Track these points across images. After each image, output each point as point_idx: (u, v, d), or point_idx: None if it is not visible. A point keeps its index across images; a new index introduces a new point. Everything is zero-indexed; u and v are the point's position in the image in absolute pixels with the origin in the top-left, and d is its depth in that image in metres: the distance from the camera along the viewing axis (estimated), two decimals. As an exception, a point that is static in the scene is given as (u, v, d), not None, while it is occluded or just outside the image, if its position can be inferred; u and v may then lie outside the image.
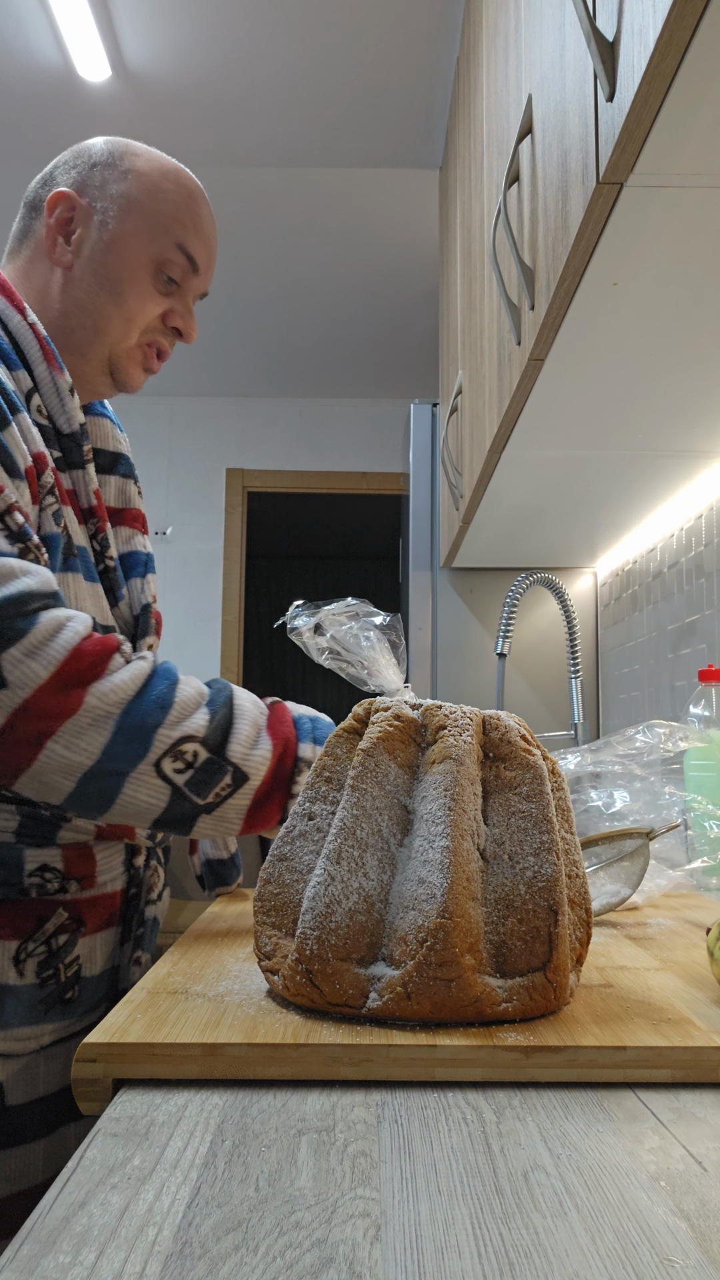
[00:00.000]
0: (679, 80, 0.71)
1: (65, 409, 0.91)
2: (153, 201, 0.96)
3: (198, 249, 0.98)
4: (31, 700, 0.74)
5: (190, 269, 0.98)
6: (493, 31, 1.61)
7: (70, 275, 0.95)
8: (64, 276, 0.96)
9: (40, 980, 0.83)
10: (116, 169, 0.96)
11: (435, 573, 2.64)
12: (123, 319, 0.96)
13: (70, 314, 0.96)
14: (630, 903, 1.02)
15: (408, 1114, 0.50)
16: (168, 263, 0.96)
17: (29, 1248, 0.37)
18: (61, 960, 0.85)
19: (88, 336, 0.96)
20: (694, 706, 1.26)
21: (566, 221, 0.96)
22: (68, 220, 0.96)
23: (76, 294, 0.95)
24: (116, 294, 0.95)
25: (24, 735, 0.74)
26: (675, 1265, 0.35)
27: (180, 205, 0.97)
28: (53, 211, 0.95)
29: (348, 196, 3.05)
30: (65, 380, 0.91)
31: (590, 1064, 0.54)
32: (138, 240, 0.95)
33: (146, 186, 0.96)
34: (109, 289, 0.95)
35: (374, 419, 4.79)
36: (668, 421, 1.38)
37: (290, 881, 0.66)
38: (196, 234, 0.98)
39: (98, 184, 0.96)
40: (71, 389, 0.92)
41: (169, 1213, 0.39)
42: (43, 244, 0.96)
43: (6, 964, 0.82)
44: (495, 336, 1.53)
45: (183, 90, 2.54)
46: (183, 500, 4.70)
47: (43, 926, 0.84)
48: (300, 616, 0.84)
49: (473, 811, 0.63)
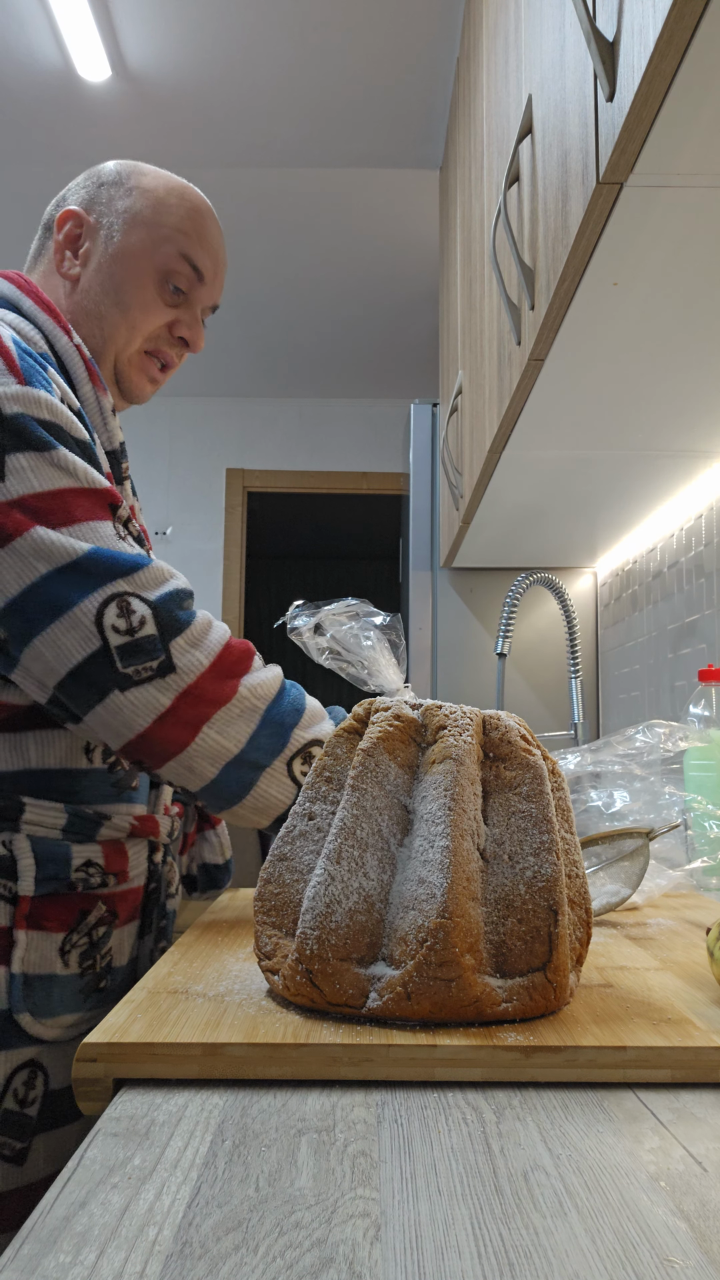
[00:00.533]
0: (679, 80, 0.71)
1: (108, 427, 0.97)
2: (156, 214, 1.00)
3: (202, 259, 1.02)
4: (195, 685, 0.82)
5: (196, 278, 1.02)
6: (493, 31, 1.61)
7: (78, 287, 1.00)
8: (72, 289, 1.01)
9: (81, 970, 0.89)
10: (123, 186, 1.01)
11: (435, 573, 2.64)
12: (128, 326, 1.00)
13: (80, 324, 1.00)
14: (630, 903, 1.02)
15: (408, 1114, 0.50)
16: (173, 273, 1.00)
17: (29, 1247, 0.37)
18: (99, 951, 0.91)
19: (97, 346, 1.01)
20: (694, 706, 1.26)
21: (566, 221, 0.96)
22: (76, 236, 1.01)
23: (85, 304, 1.00)
24: (121, 302, 0.99)
25: (186, 717, 0.82)
26: (675, 1265, 0.35)
27: (184, 217, 1.01)
28: (62, 228, 1.01)
29: (348, 196, 3.05)
30: (108, 400, 0.97)
31: (590, 1064, 0.54)
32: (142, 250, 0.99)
33: (151, 201, 1.00)
34: (114, 297, 0.99)
35: (374, 419, 4.79)
36: (668, 421, 1.38)
37: (290, 881, 0.66)
38: (201, 245, 1.02)
39: (105, 201, 1.01)
40: (114, 409, 0.98)
41: (169, 1213, 0.39)
42: (53, 260, 1.02)
43: (54, 955, 0.87)
44: (495, 336, 1.53)
45: (183, 90, 2.54)
46: (183, 500, 4.70)
47: (85, 919, 0.90)
48: (300, 616, 0.84)
49: (473, 811, 0.63)
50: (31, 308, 0.94)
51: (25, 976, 0.85)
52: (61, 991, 0.87)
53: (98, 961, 0.90)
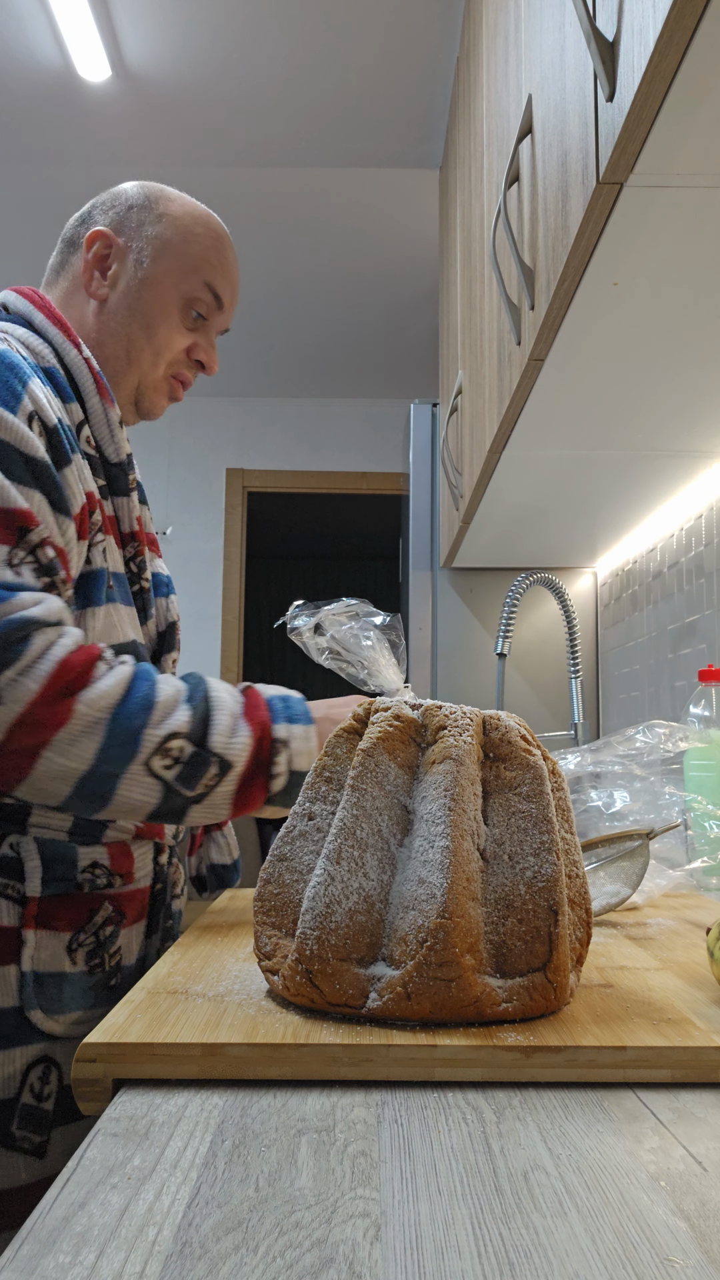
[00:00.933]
0: (679, 80, 0.71)
1: (114, 439, 0.99)
2: (184, 244, 1.04)
3: (224, 288, 1.07)
4: (25, 714, 0.78)
5: (216, 306, 1.07)
6: (493, 31, 1.61)
7: (105, 308, 1.03)
8: (99, 309, 1.04)
9: (89, 968, 0.90)
10: (152, 212, 1.05)
11: (435, 573, 2.64)
12: (153, 351, 1.04)
13: (105, 344, 1.03)
14: (630, 903, 1.02)
15: (408, 1114, 0.50)
16: (196, 300, 1.05)
17: (29, 1248, 0.37)
18: (107, 950, 0.92)
19: (120, 366, 1.04)
20: (694, 706, 1.26)
21: (566, 221, 0.96)
22: (105, 257, 1.04)
23: (112, 325, 1.03)
24: (149, 327, 1.03)
25: (20, 747, 0.79)
26: (675, 1265, 0.35)
27: (209, 248, 1.05)
28: (91, 248, 1.04)
29: (348, 196, 3.05)
30: (115, 413, 0.99)
31: (590, 1064, 0.54)
32: (170, 279, 1.03)
33: (179, 230, 1.04)
34: (141, 322, 1.03)
35: (374, 419, 4.79)
36: (668, 421, 1.38)
37: (290, 881, 0.66)
38: (223, 274, 1.06)
39: (134, 225, 1.04)
40: (121, 421, 0.99)
41: (169, 1213, 0.39)
42: (80, 278, 1.05)
43: (62, 953, 0.89)
44: (495, 336, 1.53)
45: (183, 90, 2.54)
46: (183, 500, 4.70)
47: (93, 919, 0.91)
48: (300, 616, 0.84)
49: (473, 811, 0.63)
50: (43, 322, 0.96)
51: (36, 974, 0.87)
52: (71, 989, 0.89)
53: (106, 960, 0.92)
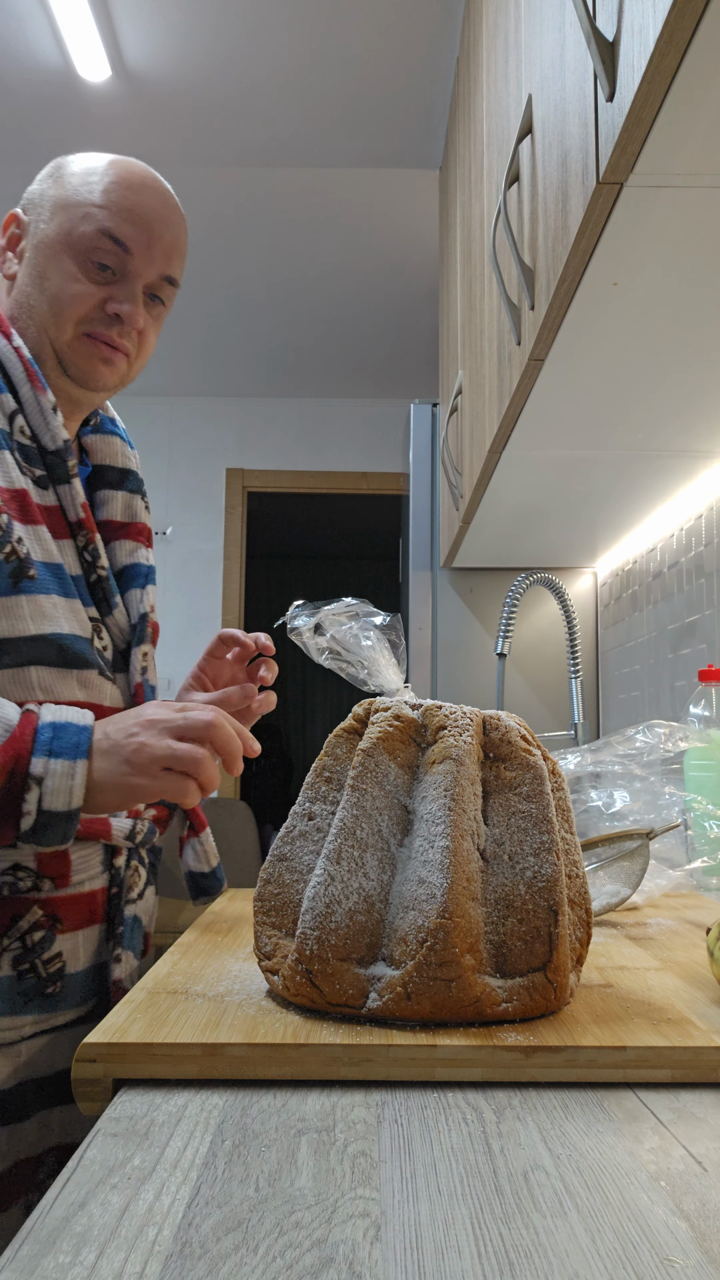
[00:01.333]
0: (679, 80, 0.71)
1: (49, 427, 0.95)
2: (75, 195, 0.98)
3: (126, 230, 0.97)
4: None
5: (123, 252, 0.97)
6: (493, 31, 1.61)
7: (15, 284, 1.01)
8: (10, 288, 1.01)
9: (17, 974, 0.87)
10: (52, 179, 1.01)
11: (435, 573, 2.64)
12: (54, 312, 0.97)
13: (19, 319, 1.00)
14: (630, 903, 1.02)
15: (408, 1114, 0.50)
16: (94, 249, 0.97)
17: (29, 1248, 0.37)
18: (39, 956, 0.88)
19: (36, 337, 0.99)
20: (694, 706, 1.26)
21: (566, 221, 0.96)
22: (17, 237, 1.01)
23: (19, 299, 1.00)
24: (45, 289, 0.98)
25: None
26: (675, 1265, 0.35)
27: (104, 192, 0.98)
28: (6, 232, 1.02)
29: (348, 196, 3.05)
30: (49, 399, 0.95)
31: (590, 1064, 0.54)
32: (60, 234, 0.97)
33: (73, 184, 0.99)
34: (39, 285, 0.98)
35: (374, 419, 4.79)
36: (668, 421, 1.38)
37: (290, 881, 0.66)
38: (124, 216, 0.97)
39: (37, 197, 1.01)
40: (55, 407, 0.96)
41: (169, 1213, 0.39)
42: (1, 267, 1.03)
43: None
44: (495, 336, 1.53)
45: (183, 90, 2.54)
46: (183, 500, 4.70)
47: (17, 924, 0.88)
48: (300, 616, 0.84)
49: (473, 811, 0.63)
50: None
51: None
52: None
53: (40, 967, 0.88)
